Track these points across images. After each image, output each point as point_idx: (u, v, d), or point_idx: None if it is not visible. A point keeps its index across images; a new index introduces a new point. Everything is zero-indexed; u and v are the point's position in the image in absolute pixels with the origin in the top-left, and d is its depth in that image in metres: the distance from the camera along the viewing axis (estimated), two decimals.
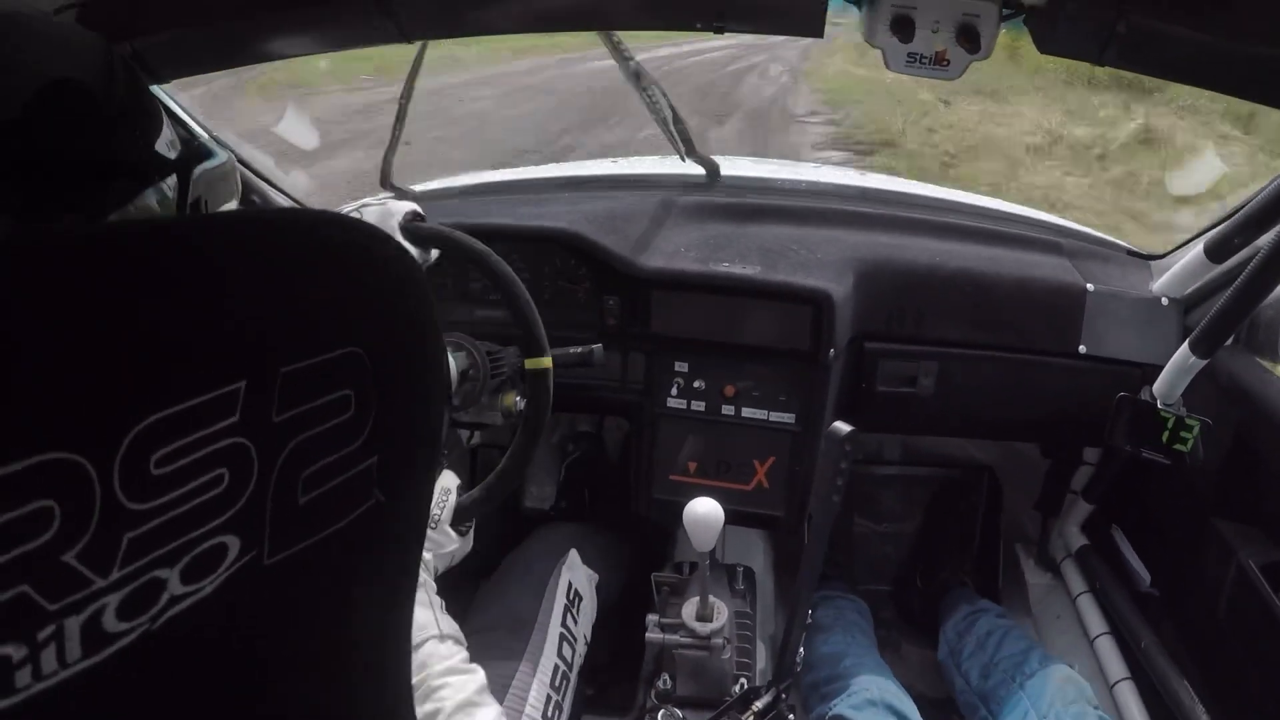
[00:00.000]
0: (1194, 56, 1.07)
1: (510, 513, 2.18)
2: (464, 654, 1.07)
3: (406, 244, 1.27)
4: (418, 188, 2.11)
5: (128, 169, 0.59)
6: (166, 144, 0.63)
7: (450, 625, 1.09)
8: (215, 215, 0.62)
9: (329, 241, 0.50)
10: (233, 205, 0.73)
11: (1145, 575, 1.87)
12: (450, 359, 1.35)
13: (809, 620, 1.41)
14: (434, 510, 1.21)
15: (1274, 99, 1.09)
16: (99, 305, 0.37)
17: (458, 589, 1.87)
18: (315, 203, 2.00)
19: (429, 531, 1.16)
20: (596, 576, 1.63)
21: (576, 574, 1.58)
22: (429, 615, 1.07)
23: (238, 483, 0.42)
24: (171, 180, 0.63)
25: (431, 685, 0.99)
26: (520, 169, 2.17)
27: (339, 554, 0.48)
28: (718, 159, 2.11)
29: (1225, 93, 1.14)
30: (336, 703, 0.52)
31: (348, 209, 1.96)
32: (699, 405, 1.74)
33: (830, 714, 1.61)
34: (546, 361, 1.31)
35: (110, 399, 0.37)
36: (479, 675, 1.03)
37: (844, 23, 1.19)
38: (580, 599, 1.54)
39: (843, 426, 1.23)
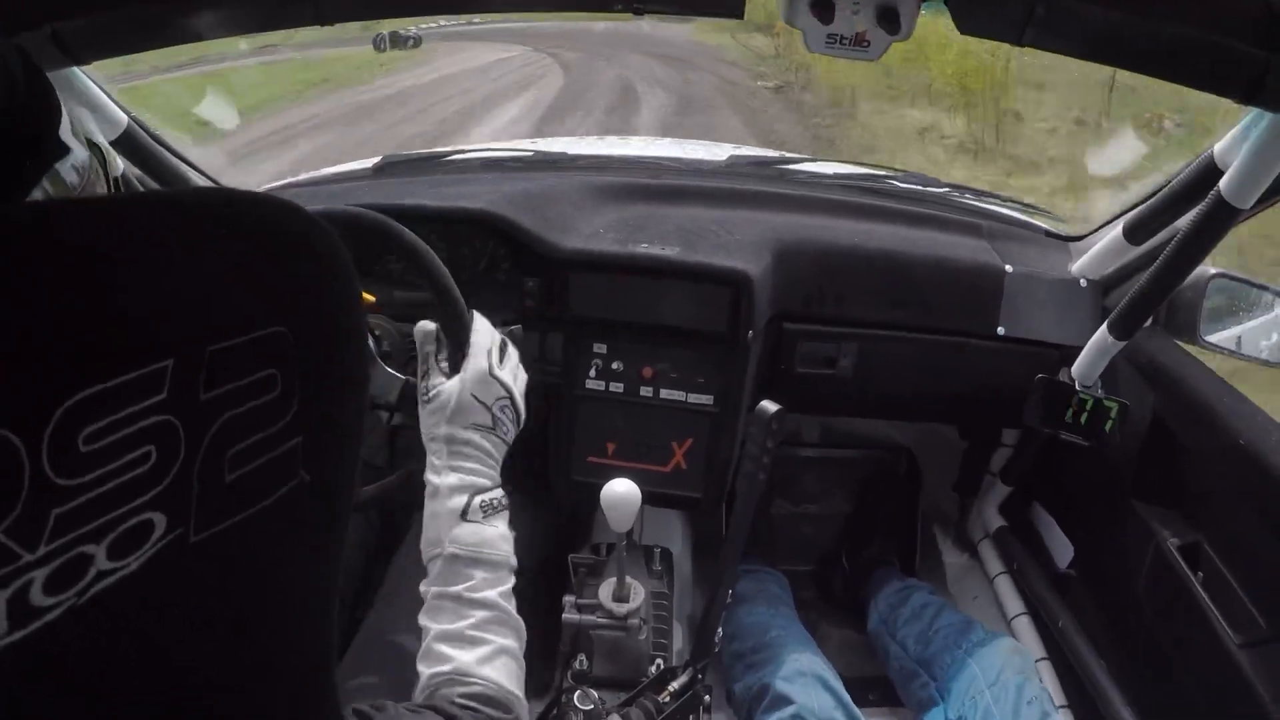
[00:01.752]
0: (1112, 36, 1.07)
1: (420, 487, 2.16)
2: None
3: None
4: (344, 168, 2.08)
5: (34, 152, 0.60)
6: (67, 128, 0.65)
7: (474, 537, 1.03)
8: (139, 194, 0.64)
9: (253, 220, 0.50)
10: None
11: (1069, 549, 1.89)
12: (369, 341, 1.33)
13: (732, 593, 1.40)
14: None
15: (1190, 78, 1.09)
16: (24, 284, 0.37)
17: (371, 564, 1.82)
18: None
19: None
20: (513, 534, 1.57)
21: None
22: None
23: (165, 460, 0.42)
24: (82, 158, 0.65)
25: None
26: (442, 148, 2.13)
27: (264, 532, 0.49)
28: (627, 138, 2.09)
29: (1142, 72, 1.15)
30: (259, 676, 0.52)
31: (267, 188, 1.92)
32: (618, 386, 1.72)
33: (760, 684, 1.62)
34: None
35: (39, 375, 0.37)
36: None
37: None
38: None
39: (770, 405, 1.23)
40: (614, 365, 1.71)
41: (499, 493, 1.07)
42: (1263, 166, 1.18)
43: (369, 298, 1.39)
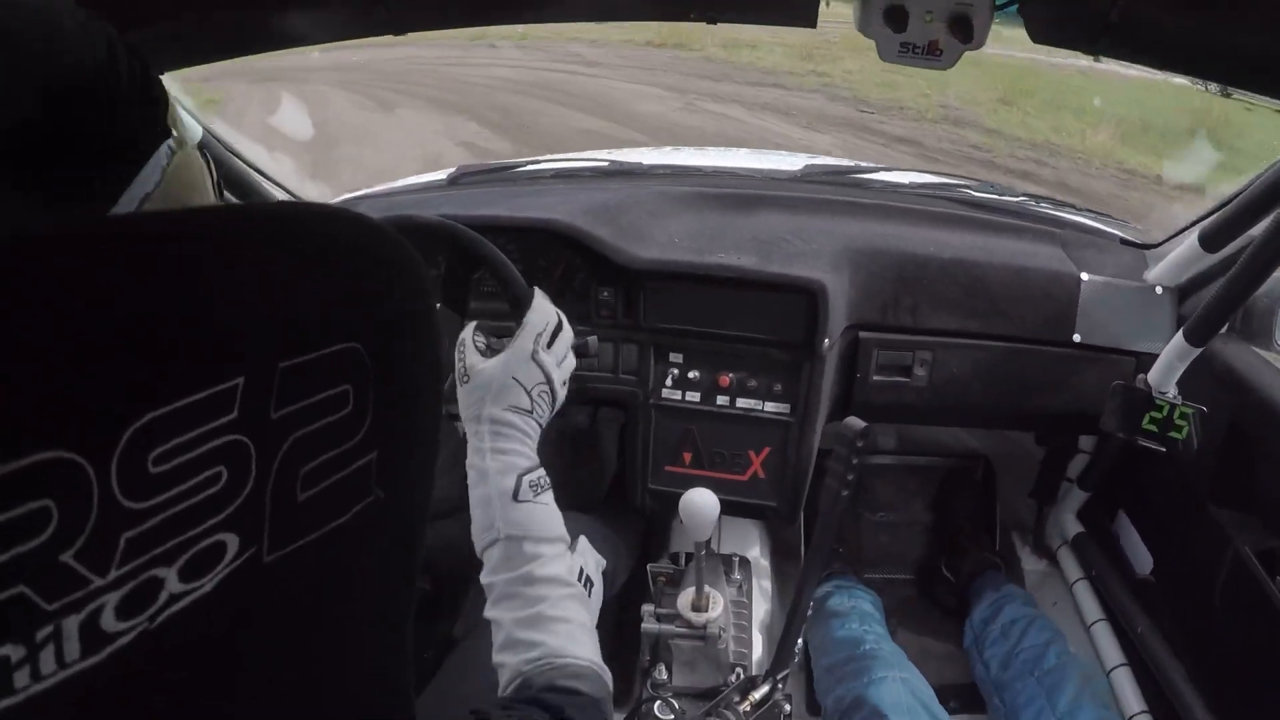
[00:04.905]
0: (1187, 45, 1.05)
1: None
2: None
3: None
4: (419, 179, 2.13)
5: (138, 152, 0.56)
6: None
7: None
8: (210, 209, 0.60)
9: (325, 235, 0.49)
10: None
11: (1148, 560, 1.87)
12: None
13: (824, 608, 1.40)
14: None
15: (1268, 87, 1.08)
16: (94, 302, 0.36)
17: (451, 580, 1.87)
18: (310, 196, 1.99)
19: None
20: (604, 563, 1.56)
21: (587, 559, 1.48)
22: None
23: (236, 480, 0.41)
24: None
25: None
26: (515, 159, 2.17)
27: (338, 550, 0.48)
28: (703, 149, 2.10)
29: (1218, 81, 1.14)
30: (337, 697, 0.51)
31: (341, 199, 1.96)
32: (694, 396, 1.74)
33: (852, 696, 1.63)
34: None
35: (107, 397, 0.36)
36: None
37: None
38: (591, 585, 1.50)
39: (856, 422, 1.23)
40: (690, 374, 1.73)
41: (541, 471, 1.04)
42: None
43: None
